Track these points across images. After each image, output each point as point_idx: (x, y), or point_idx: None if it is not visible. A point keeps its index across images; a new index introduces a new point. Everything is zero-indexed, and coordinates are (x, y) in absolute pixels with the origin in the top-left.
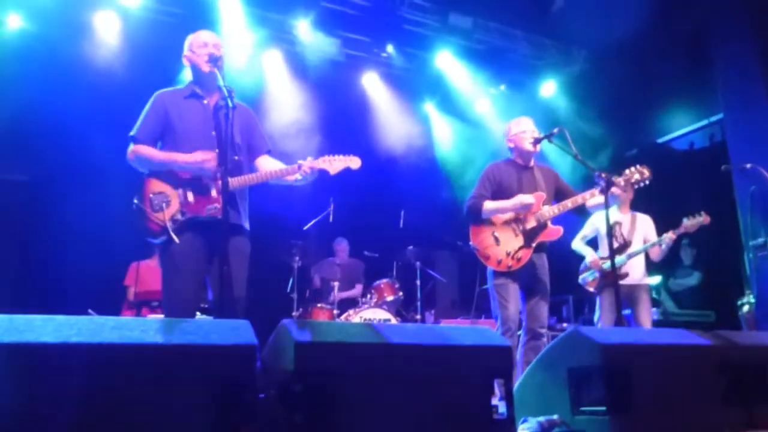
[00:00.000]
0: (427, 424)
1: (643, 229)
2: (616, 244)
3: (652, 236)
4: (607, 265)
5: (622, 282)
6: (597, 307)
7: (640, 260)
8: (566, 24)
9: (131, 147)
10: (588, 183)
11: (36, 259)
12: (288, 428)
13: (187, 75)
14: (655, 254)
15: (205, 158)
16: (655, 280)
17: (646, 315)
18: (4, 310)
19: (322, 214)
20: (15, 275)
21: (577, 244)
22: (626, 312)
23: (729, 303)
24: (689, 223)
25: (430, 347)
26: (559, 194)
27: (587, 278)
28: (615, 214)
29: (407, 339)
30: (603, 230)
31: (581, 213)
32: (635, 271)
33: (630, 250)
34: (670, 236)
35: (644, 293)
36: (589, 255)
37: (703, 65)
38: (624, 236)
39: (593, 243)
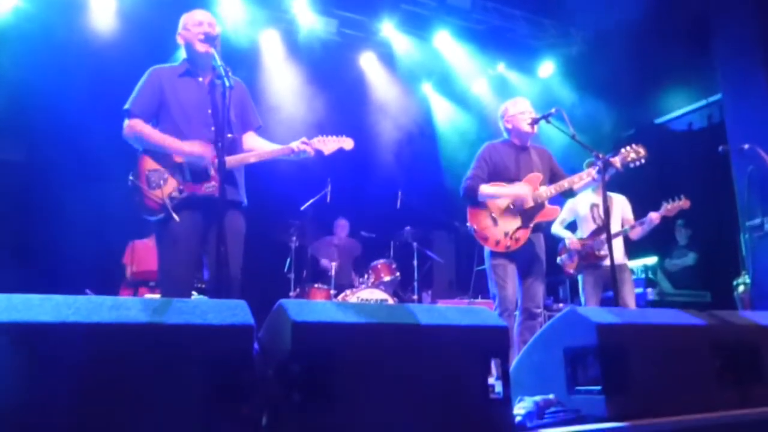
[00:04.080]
0: (423, 404)
1: (619, 210)
2: (594, 227)
3: (629, 215)
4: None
5: (601, 264)
6: (581, 289)
7: (619, 241)
8: (565, 4)
9: (127, 122)
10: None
11: (33, 238)
12: (286, 407)
13: (182, 55)
14: (636, 234)
15: (203, 151)
16: (647, 261)
17: (630, 295)
18: (1, 290)
19: (319, 194)
20: (12, 255)
21: (556, 228)
22: (608, 294)
23: (725, 283)
24: (669, 207)
25: (426, 327)
26: (552, 176)
27: (565, 260)
28: (591, 196)
29: (404, 319)
30: (582, 212)
31: (568, 195)
32: (615, 253)
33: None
34: (656, 216)
35: (626, 274)
36: (568, 237)
37: (701, 45)
38: (602, 218)
39: (572, 227)
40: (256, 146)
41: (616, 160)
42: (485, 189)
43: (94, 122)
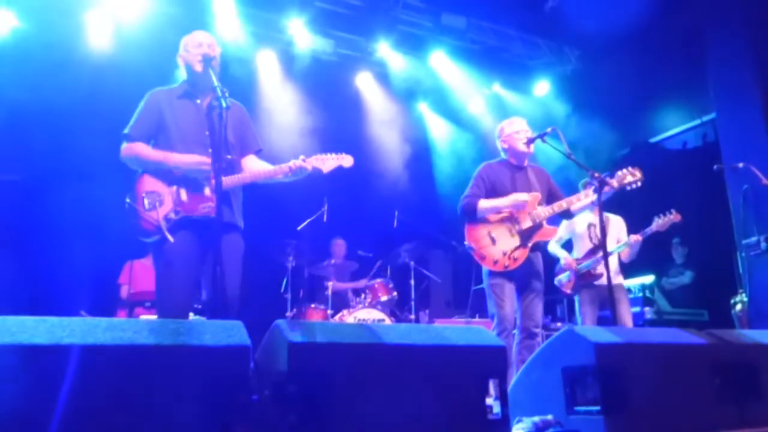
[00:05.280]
0: (420, 425)
1: (615, 230)
2: (591, 246)
3: (624, 237)
4: (585, 264)
5: (596, 282)
6: (577, 309)
7: (614, 260)
8: (559, 23)
9: (125, 145)
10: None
11: (28, 259)
12: (282, 428)
13: (181, 75)
14: (625, 255)
15: (202, 160)
16: (644, 280)
17: (627, 313)
18: None
19: (316, 214)
20: (7, 276)
21: (553, 247)
22: (604, 312)
23: (722, 302)
24: (661, 222)
25: (424, 347)
26: (550, 196)
27: (562, 280)
28: (589, 215)
29: (401, 339)
30: (579, 231)
31: (566, 216)
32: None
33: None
34: (635, 238)
35: (621, 292)
36: (564, 257)
37: (696, 64)
38: (598, 237)
39: (568, 246)
40: (255, 169)
41: (613, 182)
42: (484, 203)
43: (91, 142)
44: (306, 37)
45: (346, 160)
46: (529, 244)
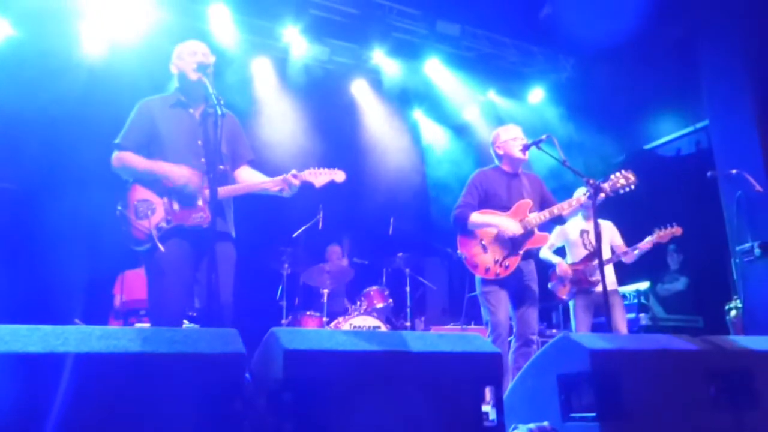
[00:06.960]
0: None
1: (608, 235)
2: (585, 252)
3: (618, 240)
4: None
5: (593, 289)
6: (572, 315)
7: (610, 267)
8: (554, 31)
9: (115, 154)
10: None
11: (22, 268)
12: None
13: (174, 85)
14: (630, 258)
15: (191, 175)
16: (639, 286)
17: (621, 320)
18: None
19: (311, 221)
20: (0, 284)
21: (545, 253)
22: (600, 319)
23: (717, 308)
24: (661, 233)
25: (419, 355)
26: (543, 203)
27: (557, 286)
28: (581, 222)
29: (397, 346)
30: (572, 238)
31: (558, 221)
32: (606, 278)
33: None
34: (648, 244)
35: (617, 299)
36: (558, 262)
37: (689, 72)
38: (592, 244)
39: (560, 253)
40: (249, 179)
41: (606, 186)
42: (475, 218)
43: (86, 151)
44: (301, 45)
45: (339, 176)
46: (521, 252)
